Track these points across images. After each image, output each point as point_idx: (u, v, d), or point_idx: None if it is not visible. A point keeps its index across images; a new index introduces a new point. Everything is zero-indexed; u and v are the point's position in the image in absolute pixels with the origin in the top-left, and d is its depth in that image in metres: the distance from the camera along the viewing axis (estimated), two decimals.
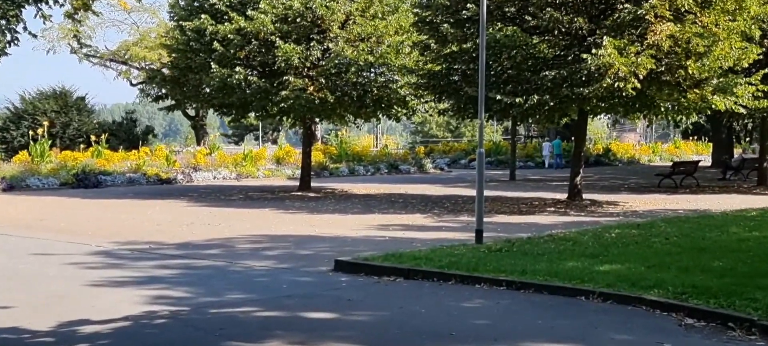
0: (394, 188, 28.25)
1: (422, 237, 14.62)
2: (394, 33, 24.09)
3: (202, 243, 14.12)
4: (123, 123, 47.50)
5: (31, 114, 42.17)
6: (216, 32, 23.31)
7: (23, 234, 15.39)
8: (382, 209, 20.32)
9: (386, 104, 25.21)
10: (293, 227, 16.37)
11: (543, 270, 10.30)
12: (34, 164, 29.79)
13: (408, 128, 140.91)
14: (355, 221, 17.44)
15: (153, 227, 16.58)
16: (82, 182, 28.50)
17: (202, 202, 22.84)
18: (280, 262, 12.09)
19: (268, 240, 14.52)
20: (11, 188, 26.87)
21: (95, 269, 11.58)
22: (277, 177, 34.55)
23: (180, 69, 25.36)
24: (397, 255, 11.60)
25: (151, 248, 13.60)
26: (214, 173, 32.89)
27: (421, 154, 43.24)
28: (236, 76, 23.00)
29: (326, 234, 15.19)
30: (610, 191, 26.37)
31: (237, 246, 13.76)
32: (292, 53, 22.83)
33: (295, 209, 20.49)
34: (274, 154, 38.30)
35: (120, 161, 32.26)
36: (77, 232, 15.74)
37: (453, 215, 19.05)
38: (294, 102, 23.36)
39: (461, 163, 45.78)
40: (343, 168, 37.12)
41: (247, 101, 24.46)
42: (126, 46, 46.27)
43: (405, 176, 37.07)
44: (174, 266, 11.79)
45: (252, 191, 27.21)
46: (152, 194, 25.56)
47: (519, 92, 18.79)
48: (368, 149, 41.99)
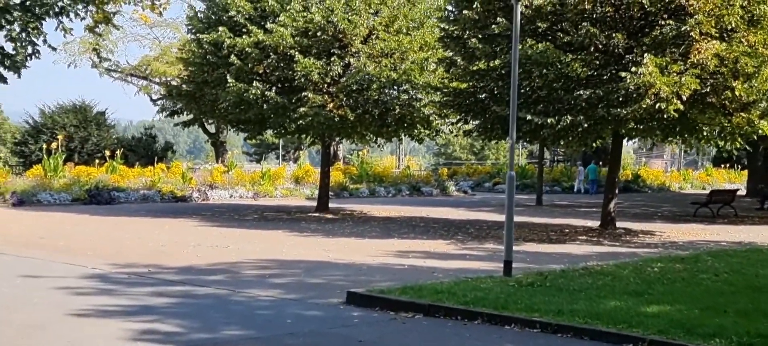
0: (415, 211, 27.11)
1: (444, 266, 13.44)
2: (418, 49, 23.02)
3: (206, 268, 13.03)
4: (142, 139, 46.79)
5: (50, 128, 41.56)
6: (233, 45, 22.37)
7: (18, 253, 14.40)
8: (402, 234, 19.16)
9: (409, 124, 24.10)
10: (306, 252, 15.26)
11: (582, 310, 9.09)
12: (46, 179, 28.96)
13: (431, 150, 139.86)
14: (373, 247, 16.29)
15: (157, 248, 15.53)
16: (94, 199, 27.60)
17: (214, 222, 21.80)
18: (288, 291, 10.96)
19: (277, 266, 13.41)
20: (21, 203, 26.03)
21: (85, 295, 10.51)
22: (295, 197, 33.53)
23: (196, 83, 24.44)
24: (416, 288, 10.43)
25: (150, 271, 12.54)
26: (230, 192, 31.92)
27: (444, 177, 42.06)
28: (253, 91, 22.01)
29: (340, 260, 14.05)
30: (643, 219, 25.03)
31: (242, 272, 12.65)
32: (312, 68, 21.82)
33: (309, 232, 19.39)
34: (293, 174, 37.32)
35: (135, 178, 31.38)
36: (76, 252, 14.72)
37: (477, 241, 17.85)
38: (313, 119, 22.32)
39: (485, 186, 44.57)
40: (364, 189, 36.05)
41: (264, 117, 23.47)
42: (147, 60, 45.64)
43: (427, 199, 35.93)
44: (171, 294, 10.69)
45: (268, 211, 26.17)
46: (164, 212, 24.59)
47: (551, 112, 17.61)
48: (390, 170, 40.87)
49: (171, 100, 27.46)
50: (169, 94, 25.95)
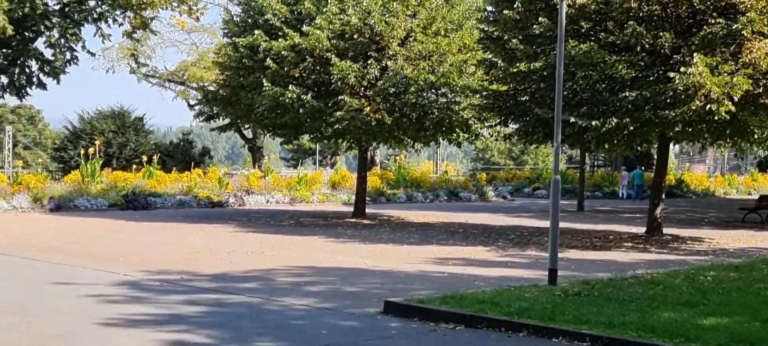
0: (453, 217, 26.60)
1: (485, 274, 12.94)
2: (457, 51, 22.53)
3: (240, 275, 12.68)
4: (179, 144, 46.85)
5: (89, 133, 41.75)
6: (269, 49, 22.09)
7: (51, 259, 14.18)
8: (441, 240, 18.67)
9: (447, 127, 23.62)
10: (342, 258, 14.85)
11: (634, 322, 8.54)
12: (84, 184, 28.94)
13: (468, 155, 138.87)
14: (411, 253, 15.83)
15: (191, 254, 15.23)
16: (131, 204, 27.51)
17: (250, 227, 21.51)
18: (323, 300, 10.55)
19: (312, 273, 13.01)
20: (58, 209, 26.01)
21: (114, 303, 10.20)
22: (332, 202, 33.19)
23: (232, 87, 24.19)
24: (457, 297, 9.95)
25: (182, 278, 12.21)
26: (267, 197, 31.67)
27: (482, 182, 41.45)
28: (289, 94, 21.70)
29: (378, 268, 13.62)
30: (689, 225, 24.25)
31: (277, 279, 12.27)
32: (349, 71, 21.45)
33: (346, 238, 18.99)
34: (330, 179, 36.99)
35: (171, 183, 31.28)
36: (109, 258, 14.47)
37: (519, 248, 17.29)
38: (349, 123, 21.94)
39: (525, 191, 43.89)
40: (401, 194, 35.61)
41: (300, 122, 23.14)
42: (184, 66, 45.71)
43: (465, 204, 35.37)
44: (203, 302, 10.34)
45: (304, 217, 25.84)
46: (200, 218, 24.38)
47: (595, 115, 17.02)
48: (427, 175, 40.35)
49: (208, 104, 27.27)
50: (206, 98, 25.76)
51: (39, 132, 73.53)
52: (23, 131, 71.47)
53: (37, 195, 26.26)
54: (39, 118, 75.21)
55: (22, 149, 65.39)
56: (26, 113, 73.35)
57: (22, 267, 13.22)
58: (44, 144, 66.85)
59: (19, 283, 11.64)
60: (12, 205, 25.55)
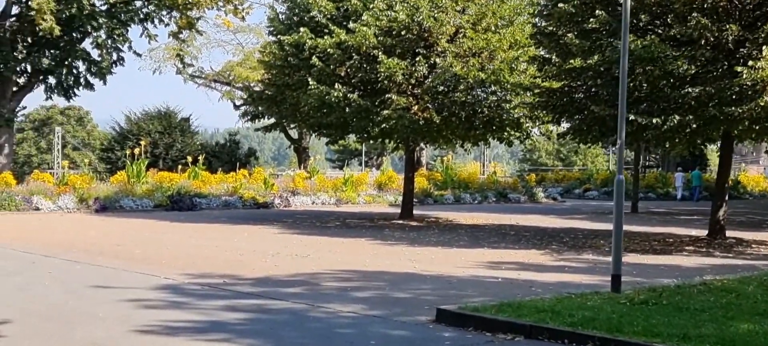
0: (503, 219, 25.88)
1: (542, 279, 12.25)
2: (508, 48, 21.78)
3: (284, 278, 12.17)
4: (226, 145, 46.77)
5: (136, 134, 41.87)
6: (315, 47, 21.61)
7: (92, 261, 13.84)
8: (492, 243, 17.99)
9: (497, 126, 22.90)
10: (390, 262, 14.26)
11: (711, 335, 7.81)
12: (129, 185, 28.83)
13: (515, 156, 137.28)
14: (461, 257, 15.18)
15: (234, 256, 14.78)
16: (176, 205, 27.31)
17: (295, 229, 21.06)
18: (371, 307, 9.97)
19: (359, 277, 12.45)
20: (104, 209, 25.89)
21: (153, 308, 9.74)
22: (378, 203, 32.67)
23: (278, 86, 23.79)
24: (514, 305, 9.29)
25: (225, 282, 11.74)
26: (312, 198, 31.28)
27: (531, 183, 40.56)
28: (335, 93, 21.19)
29: (428, 272, 13.00)
30: (752, 228, 23.22)
31: (323, 284, 11.73)
32: (396, 69, 20.87)
33: (394, 240, 18.41)
34: (376, 180, 36.48)
35: (217, 184, 31.05)
36: (151, 260, 14.09)
37: (575, 252, 16.53)
38: (396, 122, 21.36)
39: (575, 192, 42.92)
40: (448, 195, 34.95)
41: (346, 121, 22.62)
42: (230, 66, 45.62)
43: (515, 206, 34.57)
44: (245, 308, 9.83)
45: (350, 218, 25.34)
46: (245, 219, 24.02)
47: (655, 112, 16.18)
48: (475, 176, 39.60)
49: (253, 104, 26.89)
50: (251, 98, 25.38)
51: (87, 133, 74.35)
52: (72, 132, 72.36)
53: (82, 196, 26.18)
54: (88, 119, 76.08)
55: (71, 150, 66.16)
56: (75, 114, 74.23)
57: (63, 270, 12.89)
58: (93, 145, 67.51)
59: (59, 286, 11.28)
60: (58, 205, 25.49)
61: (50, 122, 71.06)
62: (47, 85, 38.13)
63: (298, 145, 48.42)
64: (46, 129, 71.44)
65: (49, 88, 38.12)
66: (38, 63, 36.59)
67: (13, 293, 10.69)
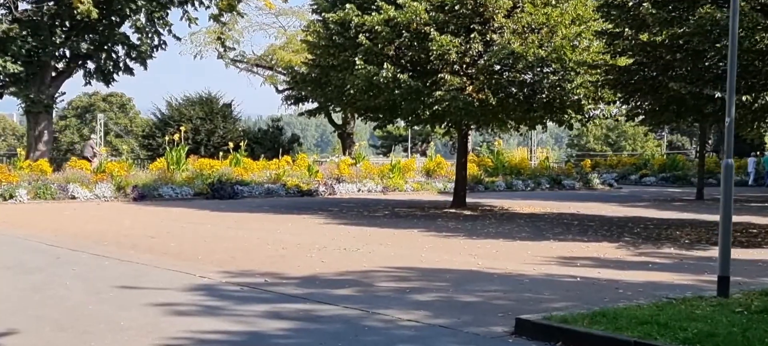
0: (562, 207, 24.29)
1: (626, 279, 10.71)
2: (569, 23, 20.14)
3: (333, 277, 10.80)
4: (268, 131, 45.68)
5: (177, 120, 40.92)
6: (362, 24, 20.20)
7: (123, 256, 12.63)
8: (557, 235, 16.44)
9: (557, 108, 21.27)
10: (449, 257, 12.82)
11: None
12: (168, 172, 27.78)
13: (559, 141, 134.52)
14: (527, 251, 13.68)
15: (277, 251, 13.46)
16: (216, 193, 26.19)
17: (342, 218, 19.73)
18: (436, 314, 8.55)
19: (417, 276, 11.03)
20: (142, 197, 24.86)
21: (184, 315, 8.45)
22: (427, 191, 31.26)
23: (322, 68, 22.41)
24: (609, 315, 7.79)
25: (266, 282, 10.41)
26: (358, 185, 29.96)
27: (586, 169, 38.76)
28: (384, 73, 19.77)
29: (493, 269, 11.53)
30: None
31: (377, 284, 10.33)
32: (449, 46, 19.38)
33: (449, 231, 16.96)
34: (424, 166, 35.05)
35: (259, 171, 29.88)
36: (186, 255, 12.84)
37: (652, 245, 14.91)
38: (449, 104, 19.86)
39: (631, 179, 41.06)
40: (500, 182, 33.43)
41: (394, 103, 21.19)
42: (272, 50, 44.41)
43: (569, 193, 32.94)
44: (289, 315, 8.49)
45: (399, 207, 23.96)
46: (289, 208, 22.77)
47: (742, 89, 14.49)
48: (527, 162, 37.96)
49: (296, 87, 25.54)
50: (294, 80, 24.06)
51: (130, 120, 73.92)
52: (114, 119, 71.96)
53: (120, 183, 25.18)
54: (130, 106, 75.66)
55: (114, 137, 65.70)
56: (117, 101, 73.86)
57: (89, 266, 11.68)
58: (135, 132, 66.97)
59: (81, 286, 10.04)
60: (95, 193, 24.52)
61: (93, 109, 70.73)
62: (86, 71, 37.34)
63: (342, 130, 47.09)
64: (89, 116, 71.15)
65: (88, 73, 37.33)
66: (77, 48, 35.77)
67: (28, 294, 9.48)
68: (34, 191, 23.69)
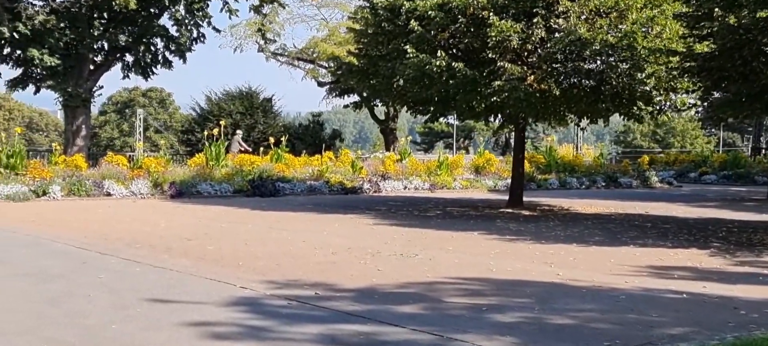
0: (626, 206, 22.61)
1: (741, 295, 9.11)
2: (641, 7, 18.42)
3: (394, 290, 9.34)
4: (309, 126, 44.43)
5: (216, 115, 39.84)
6: (413, 9, 18.71)
7: (156, 262, 11.29)
8: (634, 239, 14.80)
9: (627, 99, 19.55)
10: (522, 265, 11.28)
11: None
12: (207, 168, 26.56)
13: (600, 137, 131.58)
14: (609, 258, 12.09)
15: (326, 256, 12.03)
16: (257, 190, 24.88)
17: (392, 219, 18.26)
18: (525, 341, 7.03)
19: (492, 289, 9.51)
20: (180, 195, 23.64)
21: (223, 338, 7.05)
22: (476, 189, 29.68)
23: (369, 57, 20.94)
24: None
25: (317, 295, 8.99)
26: (404, 183, 28.48)
27: (644, 166, 36.85)
28: (437, 62, 18.24)
29: (579, 282, 9.97)
30: None
31: (446, 299, 8.84)
32: (510, 32, 17.80)
33: (512, 234, 15.40)
34: (472, 162, 33.46)
35: (301, 167, 28.56)
36: (225, 260, 11.47)
37: (747, 251, 13.23)
38: (509, 95, 18.27)
39: (690, 176, 39.05)
40: (553, 179, 31.73)
41: (448, 95, 19.64)
42: (314, 42, 43.09)
43: (628, 191, 31.12)
44: (348, 339, 7.05)
45: (450, 206, 22.45)
46: (333, 207, 21.38)
47: None
48: (581, 159, 36.18)
49: (342, 78, 24.13)
50: (339, 71, 22.69)
51: (169, 115, 73.26)
52: (154, 114, 71.34)
53: (157, 180, 23.98)
54: (169, 101, 75.03)
55: (154, 133, 65.02)
56: (157, 96, 73.23)
57: (118, 273, 10.35)
58: (175, 127, 66.27)
59: (106, 299, 8.70)
60: (131, 190, 23.33)
61: (132, 104, 70.17)
62: (124, 64, 36.38)
63: (385, 126, 45.65)
64: (129, 111, 70.62)
65: (126, 66, 36.36)
66: (115, 40, 34.81)
67: (43, 309, 8.16)
68: (68, 187, 22.59)
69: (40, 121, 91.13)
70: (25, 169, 23.55)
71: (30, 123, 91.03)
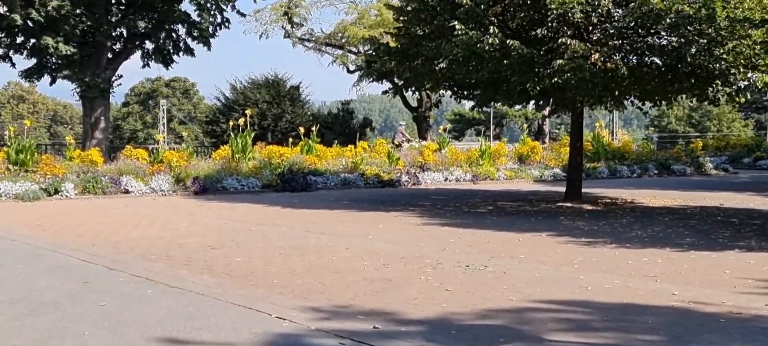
0: (695, 198, 20.46)
1: None
2: None
3: (474, 322, 7.28)
4: (338, 115, 42.44)
5: (242, 105, 37.91)
6: None
7: (173, 279, 9.33)
8: (732, 240, 12.63)
9: (703, 79, 17.31)
10: (621, 280, 9.15)
11: None
12: (233, 162, 24.65)
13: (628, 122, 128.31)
14: (718, 268, 9.95)
15: (378, 269, 9.99)
16: (287, 184, 22.93)
17: (441, 217, 16.20)
18: None
19: (600, 319, 7.41)
20: (204, 191, 21.76)
21: None
22: (522, 179, 27.57)
23: (411, 37, 18.87)
24: None
25: (376, 329, 6.98)
26: (444, 174, 26.41)
27: (698, 152, 34.48)
28: (490, 39, 16.13)
29: (706, 305, 7.85)
30: None
31: (547, 337, 6.77)
32: (572, 4, 15.64)
33: (585, 235, 13.28)
34: (515, 151, 31.32)
35: (333, 158, 26.59)
36: (256, 277, 9.47)
37: None
38: (572, 75, 16.12)
39: (744, 162, 36.68)
40: (602, 168, 29.58)
41: (499, 77, 17.52)
42: (343, 27, 41.03)
43: (683, 179, 28.87)
44: None
45: (500, 199, 20.36)
46: (372, 202, 19.38)
47: None
48: (630, 145, 33.90)
49: (378, 61, 22.02)
50: (377, 52, 20.59)
51: (194, 106, 71.61)
52: (178, 105, 69.69)
53: (179, 175, 22.10)
54: (193, 91, 73.35)
55: (178, 124, 63.40)
56: (181, 87, 71.59)
57: (125, 297, 8.39)
58: (199, 119, 64.66)
59: (106, 340, 6.73)
60: (151, 187, 21.46)
61: (155, 95, 68.58)
62: (144, 52, 34.61)
63: (418, 113, 43.53)
64: (152, 102, 69.06)
65: (146, 54, 34.58)
66: (134, 27, 33.03)
67: None
68: (82, 184, 20.77)
69: (64, 114, 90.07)
70: (36, 166, 21.76)
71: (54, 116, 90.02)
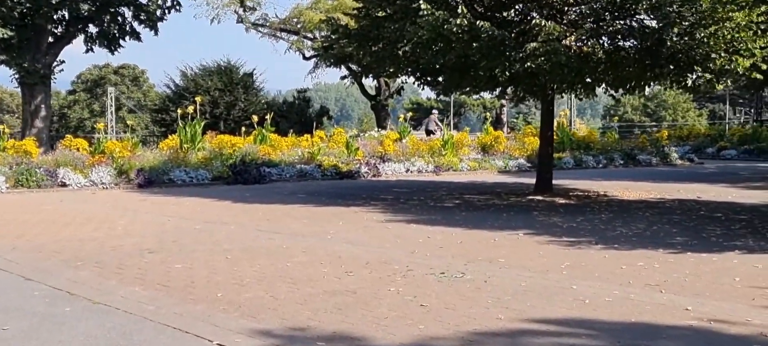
0: (668, 190, 19.59)
1: None
2: None
3: None
4: (294, 103, 40.98)
5: (193, 92, 36.22)
6: None
7: (98, 293, 7.93)
8: (727, 239, 11.58)
9: (684, 64, 16.28)
10: (620, 291, 7.97)
11: None
12: (182, 152, 23.11)
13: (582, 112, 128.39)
14: (725, 273, 8.85)
15: (340, 278, 8.68)
16: (239, 176, 21.50)
17: (406, 212, 14.92)
18: None
19: (609, 340, 6.16)
20: (149, 183, 20.25)
21: None
22: (486, 170, 26.49)
23: (372, 18, 17.57)
24: None
25: None
26: (406, 165, 25.19)
27: (663, 142, 33.76)
28: (458, 21, 14.90)
29: (727, 323, 6.69)
30: None
31: None
32: None
33: (565, 233, 12.13)
34: (478, 141, 30.20)
35: (289, 149, 25.20)
36: (197, 289, 8.11)
37: None
38: (546, 60, 14.97)
39: (708, 152, 36.14)
40: (568, 158, 28.64)
41: (468, 62, 16.31)
42: (298, 11, 39.52)
43: (650, 170, 28.11)
44: None
45: (467, 192, 19.20)
46: (331, 196, 18.07)
47: None
48: (595, 135, 33.05)
49: (337, 45, 20.64)
50: (335, 34, 19.26)
51: (144, 94, 69.31)
52: (127, 93, 67.41)
53: (122, 166, 20.53)
54: (143, 79, 71.01)
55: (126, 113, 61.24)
56: (130, 74, 69.24)
57: (36, 320, 6.98)
58: (149, 107, 62.57)
59: None
60: (90, 180, 19.89)
61: (103, 83, 66.17)
62: (88, 36, 32.74)
63: (376, 101, 42.23)
64: (99, 90, 66.65)
65: (89, 38, 32.72)
66: (76, 9, 31.16)
67: None
68: (14, 177, 19.13)
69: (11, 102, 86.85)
70: None
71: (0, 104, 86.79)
